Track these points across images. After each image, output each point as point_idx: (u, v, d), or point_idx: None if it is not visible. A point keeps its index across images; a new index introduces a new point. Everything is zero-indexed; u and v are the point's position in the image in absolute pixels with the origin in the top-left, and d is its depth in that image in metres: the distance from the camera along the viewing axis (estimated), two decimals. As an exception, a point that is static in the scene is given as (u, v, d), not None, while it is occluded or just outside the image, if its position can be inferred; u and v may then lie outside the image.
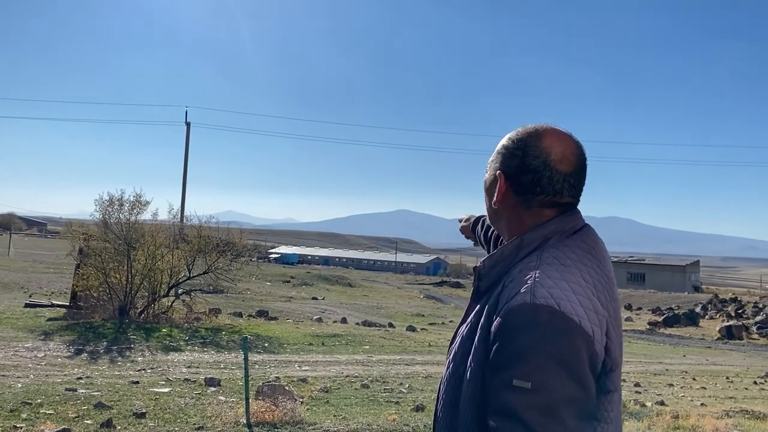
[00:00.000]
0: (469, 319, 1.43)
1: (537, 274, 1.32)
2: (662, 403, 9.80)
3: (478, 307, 1.42)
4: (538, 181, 1.42)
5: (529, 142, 1.45)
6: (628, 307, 47.25)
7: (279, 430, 6.50)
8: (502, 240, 1.78)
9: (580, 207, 1.51)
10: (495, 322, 1.30)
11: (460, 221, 2.42)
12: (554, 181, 1.43)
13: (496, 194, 1.48)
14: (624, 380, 11.99)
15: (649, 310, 46.93)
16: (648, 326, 36.86)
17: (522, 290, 1.29)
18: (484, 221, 2.23)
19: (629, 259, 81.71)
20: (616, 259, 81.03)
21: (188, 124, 40.03)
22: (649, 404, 9.46)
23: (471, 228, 2.32)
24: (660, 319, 39.11)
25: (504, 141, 1.51)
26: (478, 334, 1.35)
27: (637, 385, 12.43)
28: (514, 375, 1.21)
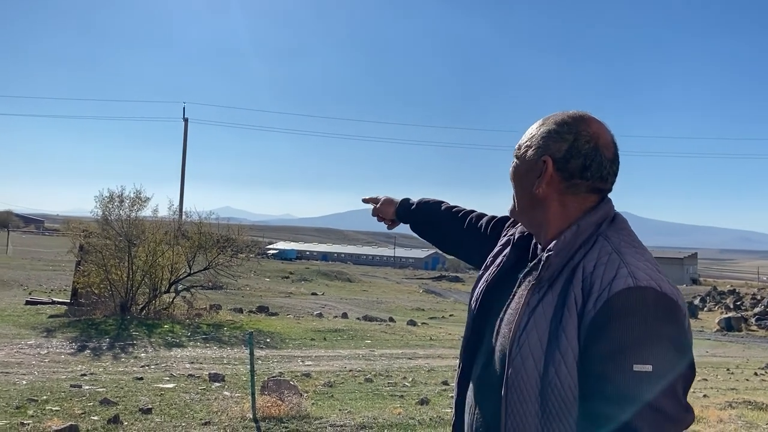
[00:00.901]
0: (532, 312, 1.35)
1: (624, 258, 1.31)
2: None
3: (545, 298, 1.35)
4: (589, 166, 1.41)
5: (579, 126, 1.44)
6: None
7: (285, 424, 6.52)
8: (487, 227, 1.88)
9: None
10: (594, 311, 1.25)
11: (367, 202, 2.26)
12: (602, 167, 1.42)
13: (541, 180, 1.43)
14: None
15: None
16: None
17: (618, 275, 1.27)
18: (426, 204, 2.10)
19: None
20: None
21: (186, 120, 39.98)
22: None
23: (398, 210, 2.14)
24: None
25: (547, 126, 1.47)
26: (562, 327, 1.29)
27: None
28: (634, 360, 1.21)
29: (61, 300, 19.28)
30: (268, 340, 14.65)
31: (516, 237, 1.60)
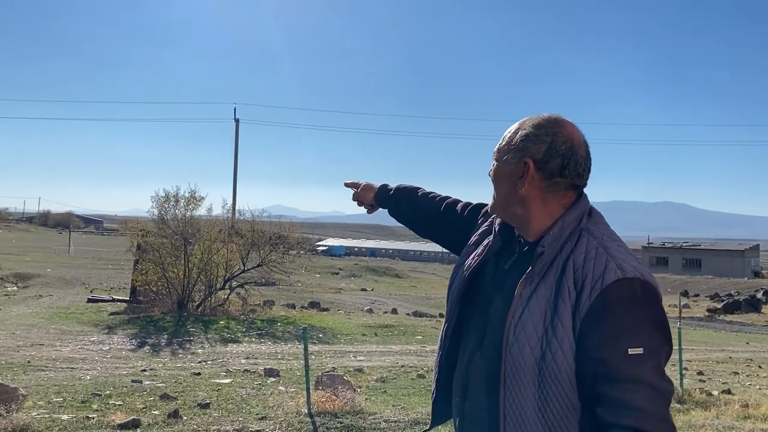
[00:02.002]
0: (526, 304, 1.46)
1: (610, 251, 1.44)
2: (729, 392, 9.50)
3: (537, 290, 1.46)
4: (567, 165, 1.53)
5: (555, 128, 1.55)
6: (685, 294, 45.97)
7: (340, 419, 6.55)
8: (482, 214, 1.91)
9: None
10: (588, 302, 1.38)
11: (349, 186, 2.34)
12: (578, 164, 1.54)
13: (523, 180, 1.54)
14: (686, 368, 11.66)
15: (707, 296, 45.63)
16: (707, 313, 35.85)
17: (608, 268, 1.40)
18: (403, 190, 2.19)
19: (684, 244, 79.37)
20: (670, 245, 78.91)
21: (237, 121, 40.69)
22: (715, 393, 9.17)
23: (376, 195, 2.23)
24: (719, 305, 37.98)
25: (525, 130, 1.57)
26: (558, 317, 1.41)
27: (700, 373, 12.09)
28: (628, 345, 1.35)
29: (121, 298, 19.92)
30: (320, 335, 14.79)
31: (498, 226, 1.69)
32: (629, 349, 1.35)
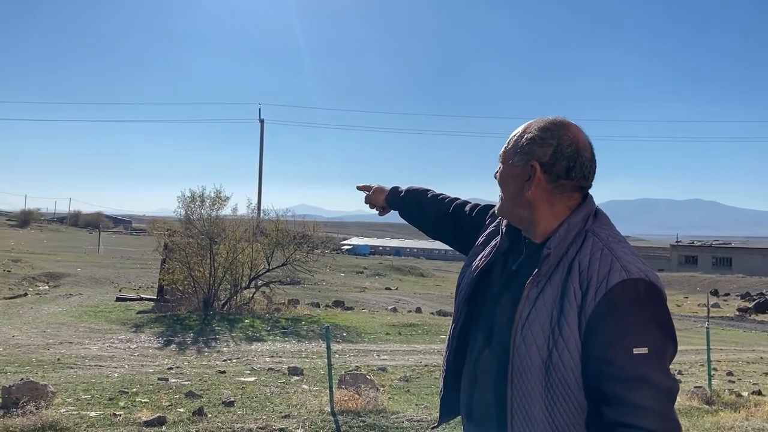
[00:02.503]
0: (533, 305, 1.49)
1: (615, 253, 1.47)
2: (759, 393, 9.30)
3: (544, 291, 1.49)
4: (573, 167, 1.55)
5: (560, 131, 1.57)
6: (715, 293, 45.16)
7: (363, 418, 6.57)
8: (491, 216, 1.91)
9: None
10: (594, 303, 1.41)
11: (361, 189, 2.40)
12: (584, 167, 1.56)
13: (530, 183, 1.57)
14: (715, 369, 11.47)
15: (737, 295, 44.70)
16: (738, 312, 35.15)
17: (613, 269, 1.43)
18: (413, 192, 2.24)
19: (714, 243, 77.98)
20: (700, 244, 77.54)
21: (262, 121, 41.05)
22: (745, 394, 8.99)
23: (387, 198, 2.29)
24: (750, 305, 37.17)
25: (531, 133, 1.59)
26: (564, 317, 1.44)
27: (729, 374, 11.85)
28: (633, 344, 1.38)
29: (148, 296, 20.20)
30: (344, 334, 14.83)
31: (505, 227, 1.72)
32: (634, 349, 1.38)
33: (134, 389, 7.66)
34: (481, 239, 1.84)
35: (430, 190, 2.25)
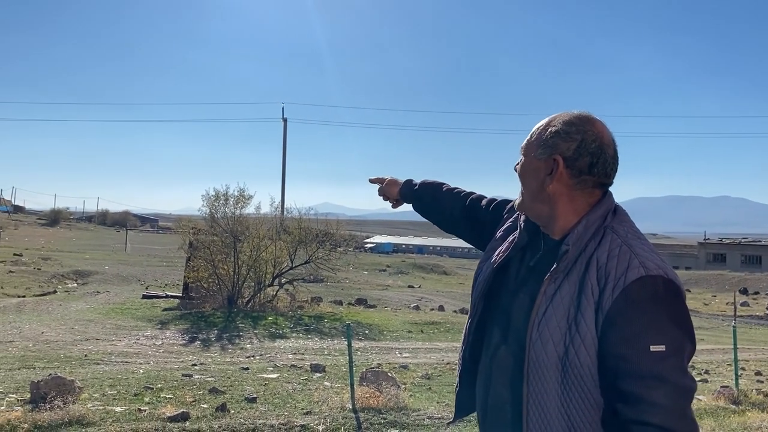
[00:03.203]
0: (551, 301, 1.48)
1: (634, 249, 1.45)
2: (789, 393, 9.12)
3: (561, 288, 1.48)
4: (596, 163, 1.53)
5: (585, 126, 1.55)
6: (744, 292, 44.29)
7: (384, 415, 6.58)
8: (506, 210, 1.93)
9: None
10: (611, 299, 1.39)
11: (374, 182, 2.37)
12: (607, 163, 1.54)
13: (552, 177, 1.55)
14: (743, 368, 11.27)
15: (767, 294, 43.84)
16: (767, 311, 34.46)
17: (631, 265, 1.41)
18: (428, 185, 2.21)
19: (743, 240, 76.54)
20: (728, 241, 76.17)
21: (285, 120, 41.18)
22: (773, 394, 8.82)
23: (401, 190, 2.26)
24: (781, 303, 36.41)
25: (555, 126, 1.57)
26: (581, 314, 1.43)
27: (758, 374, 11.63)
28: (650, 342, 1.37)
29: (173, 294, 20.46)
30: (366, 331, 14.87)
31: (523, 222, 1.70)
32: (651, 346, 1.37)
33: (159, 385, 7.77)
34: (498, 234, 1.83)
35: (444, 183, 2.22)
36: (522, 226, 1.70)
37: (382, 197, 2.34)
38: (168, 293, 20.93)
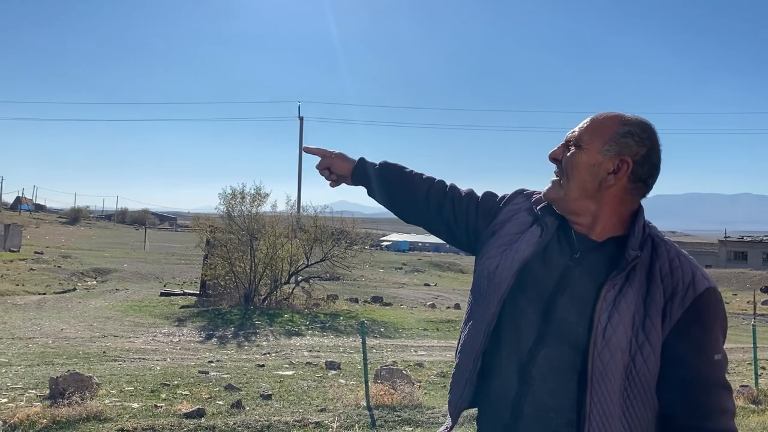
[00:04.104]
0: (615, 308, 1.44)
1: (690, 261, 1.49)
2: (810, 393, 8.98)
3: (626, 294, 1.45)
4: (653, 174, 1.53)
5: (655, 136, 1.53)
6: (765, 290, 43.60)
7: (398, 413, 6.59)
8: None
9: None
10: (681, 310, 1.42)
11: (310, 152, 1.99)
12: (655, 179, 1.55)
13: (615, 177, 1.50)
14: (763, 368, 11.12)
15: (790, 292, 43.14)
16: (789, 310, 33.94)
17: (696, 277, 1.45)
18: (394, 167, 1.91)
19: (764, 238, 75.45)
20: (750, 239, 75.13)
21: (301, 119, 41.41)
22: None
23: (356, 169, 1.92)
24: (803, 302, 35.85)
25: (629, 126, 1.52)
26: (650, 322, 1.43)
27: (780, 373, 11.48)
28: (714, 351, 1.44)
29: (191, 291, 20.63)
30: (381, 329, 14.88)
31: (550, 217, 1.61)
32: (715, 355, 1.45)
33: (175, 382, 7.84)
34: (500, 228, 1.69)
35: (405, 166, 1.93)
36: (548, 222, 1.60)
37: (320, 171, 1.97)
38: (185, 291, 21.10)
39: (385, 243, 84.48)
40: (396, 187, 1.90)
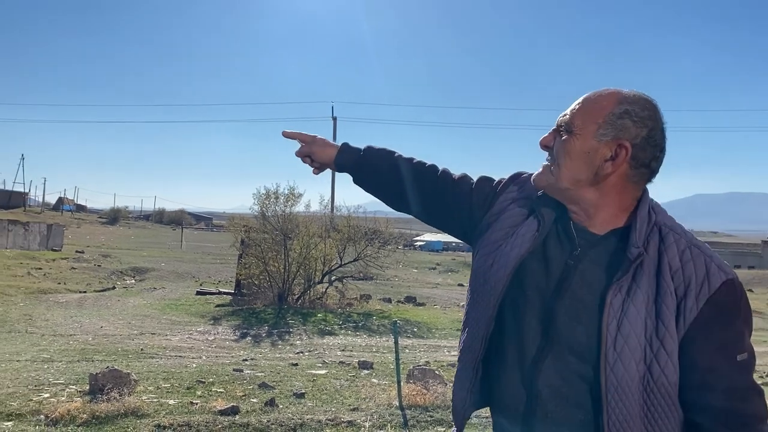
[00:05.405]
0: (624, 313, 1.31)
1: (704, 251, 1.34)
2: None
3: (634, 297, 1.31)
4: (657, 157, 1.37)
5: (656, 114, 1.36)
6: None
7: (431, 413, 6.56)
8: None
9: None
10: (696, 308, 1.29)
11: (289, 137, 1.84)
12: (660, 162, 1.38)
13: (613, 165, 1.34)
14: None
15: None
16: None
17: (710, 271, 1.31)
18: (380, 152, 1.77)
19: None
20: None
21: (335, 119, 41.59)
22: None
23: (340, 154, 1.77)
24: None
25: (626, 105, 1.34)
26: (664, 326, 1.30)
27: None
28: (737, 351, 1.31)
29: (226, 291, 20.90)
30: (414, 329, 14.86)
31: (545, 208, 1.46)
32: (738, 356, 1.31)
33: (210, 379, 7.94)
34: (504, 218, 1.54)
35: (393, 150, 1.79)
36: (545, 214, 1.46)
37: (301, 158, 1.83)
38: (221, 290, 21.38)
39: (418, 243, 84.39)
40: (381, 173, 1.75)
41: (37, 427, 5.51)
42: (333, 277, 19.38)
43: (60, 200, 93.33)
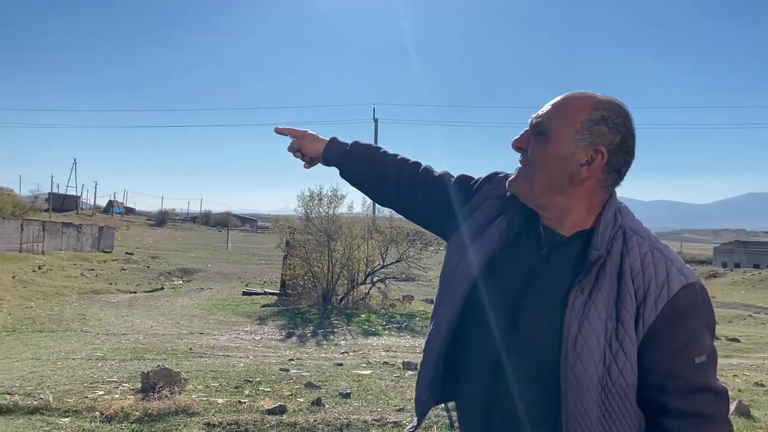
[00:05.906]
0: (585, 316, 1.31)
1: (666, 254, 1.35)
2: None
3: (595, 300, 1.32)
4: (628, 163, 1.39)
5: (629, 121, 1.38)
6: None
7: (477, 415, 6.52)
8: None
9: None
10: (655, 312, 1.29)
11: (281, 133, 1.90)
12: (629, 167, 1.41)
13: (589, 170, 1.36)
14: None
15: None
16: None
17: (670, 274, 1.31)
18: (367, 147, 1.83)
19: None
20: None
21: (376, 121, 41.73)
22: None
23: (327, 150, 1.83)
24: None
25: (603, 111, 1.36)
26: (623, 329, 1.31)
27: None
28: (695, 354, 1.31)
29: (272, 291, 21.18)
30: (459, 331, 14.81)
31: (515, 208, 1.49)
32: (696, 359, 1.32)
33: (258, 379, 8.05)
34: (478, 216, 1.56)
35: (380, 146, 1.86)
36: (516, 213, 1.49)
37: (293, 153, 1.90)
38: (266, 290, 21.68)
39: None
40: (365, 168, 1.81)
41: (92, 424, 5.68)
42: (376, 278, 19.44)
43: (110, 203, 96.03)
